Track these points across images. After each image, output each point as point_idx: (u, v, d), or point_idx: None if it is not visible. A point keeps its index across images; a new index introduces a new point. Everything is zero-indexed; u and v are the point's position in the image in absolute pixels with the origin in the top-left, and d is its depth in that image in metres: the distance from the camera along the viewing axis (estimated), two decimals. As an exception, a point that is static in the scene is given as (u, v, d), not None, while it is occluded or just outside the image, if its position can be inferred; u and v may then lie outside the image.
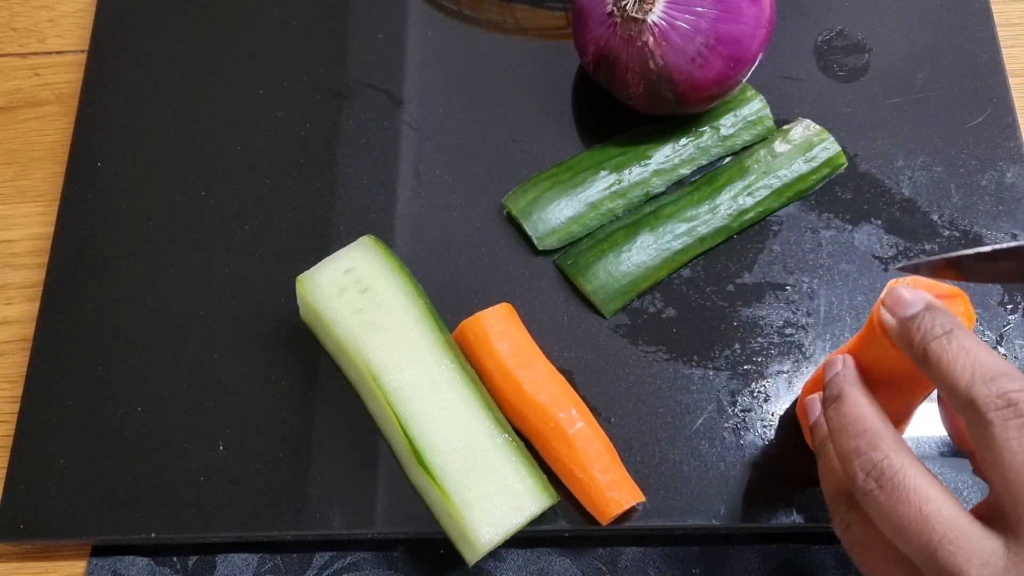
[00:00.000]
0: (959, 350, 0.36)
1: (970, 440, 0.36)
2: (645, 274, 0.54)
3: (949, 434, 0.45)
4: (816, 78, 0.61)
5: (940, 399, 0.45)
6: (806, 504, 0.49)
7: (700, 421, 0.51)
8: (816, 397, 0.44)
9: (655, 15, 0.51)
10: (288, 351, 0.53)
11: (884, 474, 0.37)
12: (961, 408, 0.36)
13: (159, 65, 0.62)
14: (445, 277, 0.55)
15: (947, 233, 0.56)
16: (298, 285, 0.51)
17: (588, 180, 0.56)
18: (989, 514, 0.36)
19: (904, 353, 0.39)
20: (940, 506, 0.36)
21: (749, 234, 0.56)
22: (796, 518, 0.49)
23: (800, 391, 0.52)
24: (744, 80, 0.55)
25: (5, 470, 0.52)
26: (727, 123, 0.58)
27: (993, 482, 0.35)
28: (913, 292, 0.39)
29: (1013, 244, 0.43)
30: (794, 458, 0.50)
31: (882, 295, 0.40)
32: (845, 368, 0.42)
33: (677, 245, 0.55)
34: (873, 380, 0.42)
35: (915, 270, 0.43)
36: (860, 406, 0.40)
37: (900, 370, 0.40)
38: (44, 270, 0.56)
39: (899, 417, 0.46)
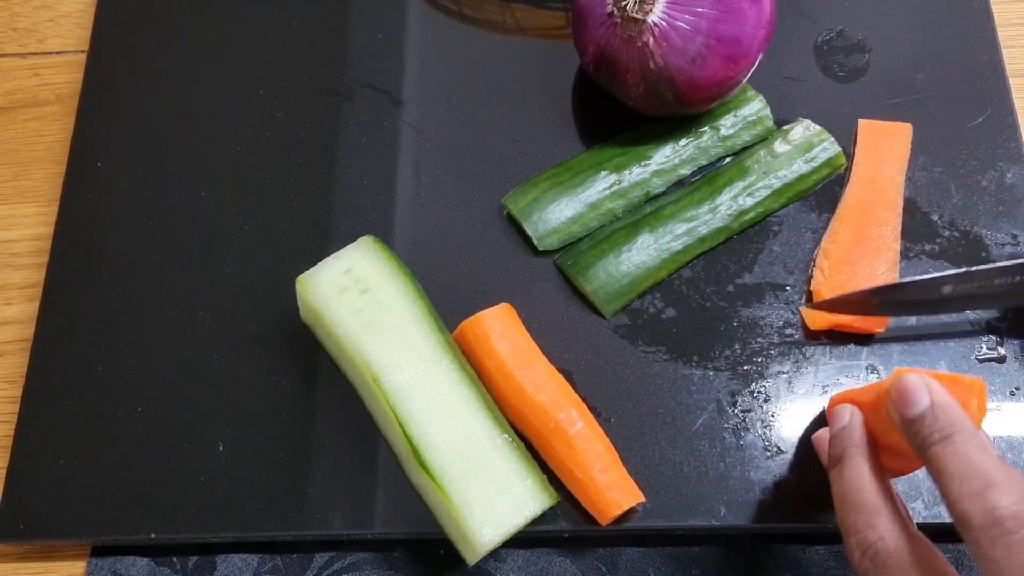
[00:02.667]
0: (952, 457, 0.36)
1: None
2: (645, 274, 0.54)
3: None
4: (816, 78, 0.61)
5: None
6: (806, 504, 0.49)
7: (700, 421, 0.51)
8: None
9: (655, 15, 0.51)
10: (288, 351, 0.53)
11: (879, 555, 0.37)
12: (954, 520, 0.36)
13: (159, 65, 0.62)
14: (445, 277, 0.55)
15: (947, 233, 0.56)
16: (298, 285, 0.51)
17: (588, 180, 0.56)
18: None
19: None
20: None
21: (749, 234, 0.56)
22: (796, 518, 0.49)
23: (816, 406, 0.52)
24: (744, 80, 0.55)
25: (5, 470, 0.52)
26: (727, 123, 0.58)
27: None
28: (918, 386, 0.38)
29: (924, 277, 0.45)
30: (794, 459, 0.50)
31: (889, 381, 0.39)
32: (851, 424, 0.42)
33: (677, 245, 0.55)
34: (886, 440, 0.41)
35: (830, 307, 0.46)
36: (860, 475, 0.40)
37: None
38: (44, 270, 0.56)
39: (914, 462, 0.46)
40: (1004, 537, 0.34)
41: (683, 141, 0.58)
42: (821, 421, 0.51)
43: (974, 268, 0.48)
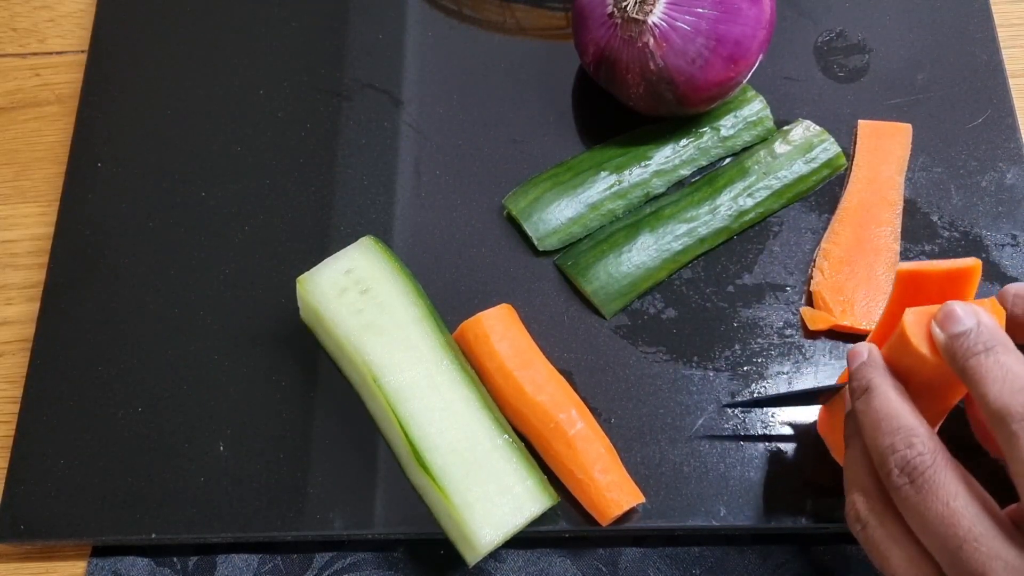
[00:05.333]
0: (994, 365, 0.37)
1: (1001, 451, 0.36)
2: (645, 275, 0.54)
3: (979, 439, 0.45)
4: (816, 79, 0.61)
5: (968, 407, 0.45)
6: (806, 505, 0.49)
7: (700, 422, 0.51)
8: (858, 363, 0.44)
9: (655, 16, 0.51)
10: (288, 351, 0.53)
11: (916, 470, 0.37)
12: (991, 420, 0.36)
13: (159, 65, 0.62)
14: (445, 277, 0.55)
15: (947, 234, 0.56)
16: (298, 285, 0.51)
17: (588, 181, 0.56)
18: (1020, 519, 0.36)
19: (948, 366, 0.39)
20: (968, 503, 0.36)
21: (749, 235, 0.56)
22: (796, 518, 0.49)
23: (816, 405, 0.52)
24: (744, 81, 0.55)
25: (5, 470, 0.52)
26: (727, 124, 0.58)
27: (1021, 491, 0.35)
28: (966, 308, 0.39)
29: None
30: (794, 459, 0.50)
31: (935, 313, 0.40)
32: (871, 358, 0.42)
33: (677, 246, 0.55)
34: (907, 386, 0.41)
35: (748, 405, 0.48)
36: (891, 400, 0.40)
37: (936, 378, 0.40)
38: (44, 270, 0.56)
39: (931, 419, 0.46)
40: None
41: (683, 141, 0.58)
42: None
43: None
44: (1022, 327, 0.41)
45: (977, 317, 0.39)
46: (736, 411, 0.52)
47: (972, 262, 0.42)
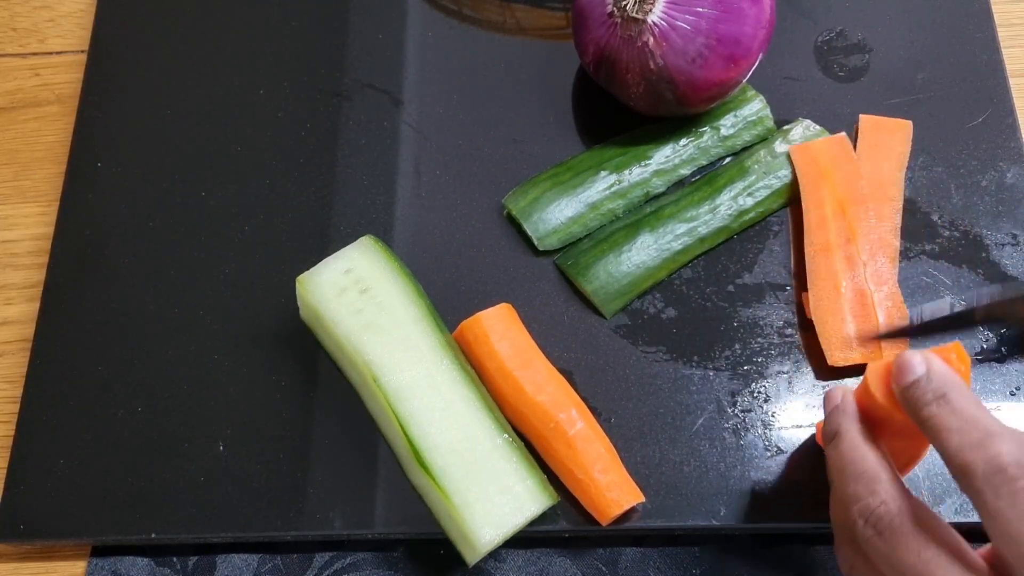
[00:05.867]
0: (948, 415, 0.36)
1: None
2: (645, 274, 0.54)
3: None
4: (816, 78, 0.61)
5: None
6: (806, 505, 0.49)
7: (700, 421, 0.51)
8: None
9: (655, 15, 0.51)
10: (288, 351, 0.53)
11: (882, 520, 0.37)
12: (954, 475, 0.36)
13: (159, 65, 0.62)
14: (445, 277, 0.55)
15: (947, 233, 0.56)
16: (298, 285, 0.51)
17: (588, 180, 0.56)
18: (995, 562, 0.36)
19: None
20: (937, 553, 0.36)
21: (749, 234, 0.56)
22: (796, 518, 0.49)
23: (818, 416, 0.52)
24: (744, 80, 0.55)
25: (5, 470, 0.52)
26: (727, 123, 0.58)
27: (994, 543, 0.35)
28: (917, 356, 0.39)
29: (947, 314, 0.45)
30: (794, 459, 0.50)
31: (893, 367, 0.40)
32: (844, 403, 0.42)
33: (677, 245, 0.55)
34: (882, 430, 0.41)
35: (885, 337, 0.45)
36: (857, 446, 0.40)
37: (907, 425, 0.40)
38: (44, 270, 0.56)
39: (911, 458, 0.46)
40: (1007, 485, 0.34)
41: (683, 141, 0.58)
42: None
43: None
44: None
45: (928, 364, 0.38)
46: (736, 411, 0.52)
47: (950, 345, 0.41)
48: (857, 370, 0.52)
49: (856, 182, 0.55)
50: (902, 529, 0.37)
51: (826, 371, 0.52)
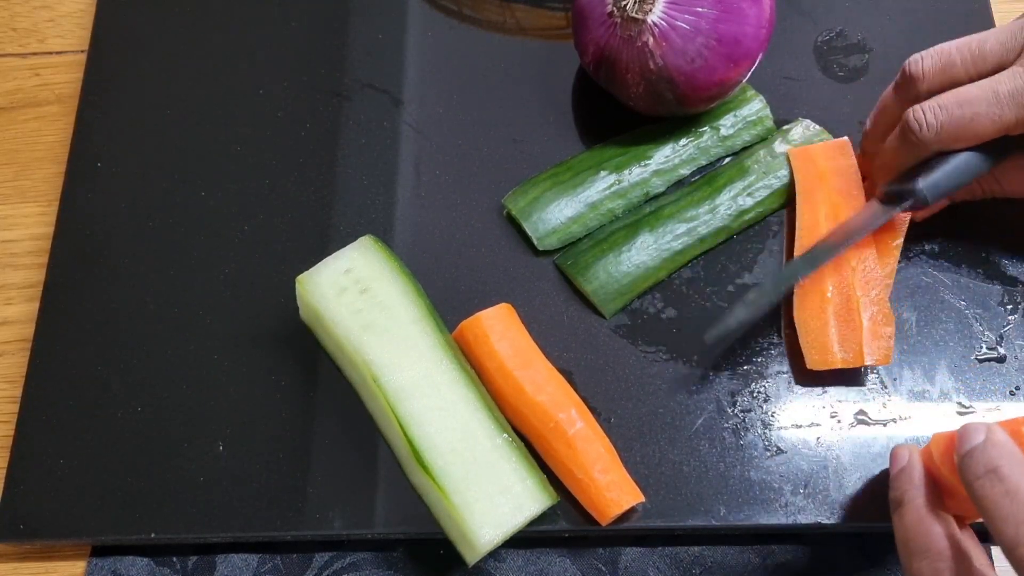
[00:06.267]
0: (1002, 496, 0.35)
1: None
2: (645, 274, 0.54)
3: None
4: (816, 78, 0.61)
5: None
6: (807, 505, 0.49)
7: (700, 421, 0.51)
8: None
9: (655, 15, 0.51)
10: (288, 351, 0.53)
11: None
12: (1006, 555, 0.35)
13: (159, 65, 0.62)
14: (445, 277, 0.55)
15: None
16: (298, 285, 0.51)
17: (588, 180, 0.56)
18: None
19: None
20: None
21: (749, 234, 0.56)
22: (796, 518, 0.49)
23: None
24: (744, 80, 0.55)
25: (5, 470, 0.52)
26: (727, 123, 0.58)
27: None
28: (978, 427, 0.37)
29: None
30: (794, 458, 0.50)
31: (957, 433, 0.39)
32: (910, 465, 0.41)
33: (677, 245, 0.55)
34: (952, 495, 0.41)
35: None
36: (922, 519, 0.39)
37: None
38: (44, 270, 0.56)
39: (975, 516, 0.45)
40: None
41: (683, 141, 0.58)
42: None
43: None
44: None
45: (986, 434, 0.37)
46: (736, 411, 0.52)
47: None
48: (837, 376, 0.52)
49: (854, 187, 0.55)
50: None
51: (806, 375, 0.52)
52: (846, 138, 0.57)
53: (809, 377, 0.52)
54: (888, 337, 0.51)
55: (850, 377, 0.52)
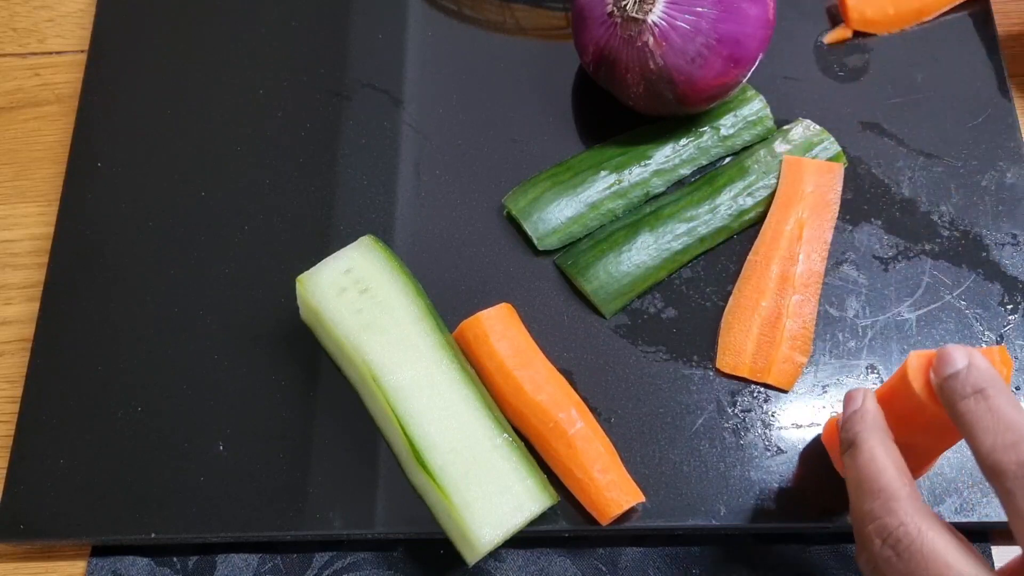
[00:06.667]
0: (984, 412, 0.36)
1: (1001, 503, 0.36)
2: (645, 274, 0.54)
3: None
4: (816, 78, 0.61)
5: None
6: (807, 505, 0.49)
7: (700, 421, 0.51)
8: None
9: (655, 15, 0.51)
10: (288, 351, 0.53)
11: (900, 542, 0.36)
12: (985, 473, 0.36)
13: (159, 65, 0.62)
14: (445, 277, 0.55)
15: (947, 233, 0.56)
16: (298, 285, 0.51)
17: (588, 180, 0.56)
18: (1020, 571, 0.36)
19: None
20: (960, 572, 0.35)
21: (749, 234, 0.56)
22: (796, 518, 0.49)
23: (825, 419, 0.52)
24: (744, 80, 0.55)
25: (5, 470, 0.52)
26: (727, 123, 0.58)
27: (1021, 543, 0.35)
28: (960, 351, 0.38)
29: None
30: (795, 458, 0.50)
31: (935, 358, 0.40)
32: (864, 408, 0.41)
33: (677, 245, 0.55)
34: (910, 425, 0.41)
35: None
36: (875, 458, 0.39)
37: (938, 421, 0.40)
38: (44, 270, 0.56)
39: (927, 456, 0.45)
40: None
41: (683, 141, 0.58)
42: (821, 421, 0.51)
43: None
44: None
45: (970, 359, 0.38)
46: (736, 411, 0.52)
47: (995, 348, 0.40)
48: (838, 376, 0.52)
49: (827, 214, 0.55)
50: (921, 551, 0.36)
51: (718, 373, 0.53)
52: (841, 164, 0.57)
53: (809, 377, 0.52)
54: (798, 366, 0.52)
55: (851, 378, 0.52)
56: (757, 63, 0.54)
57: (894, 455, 0.39)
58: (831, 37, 0.61)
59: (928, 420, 0.40)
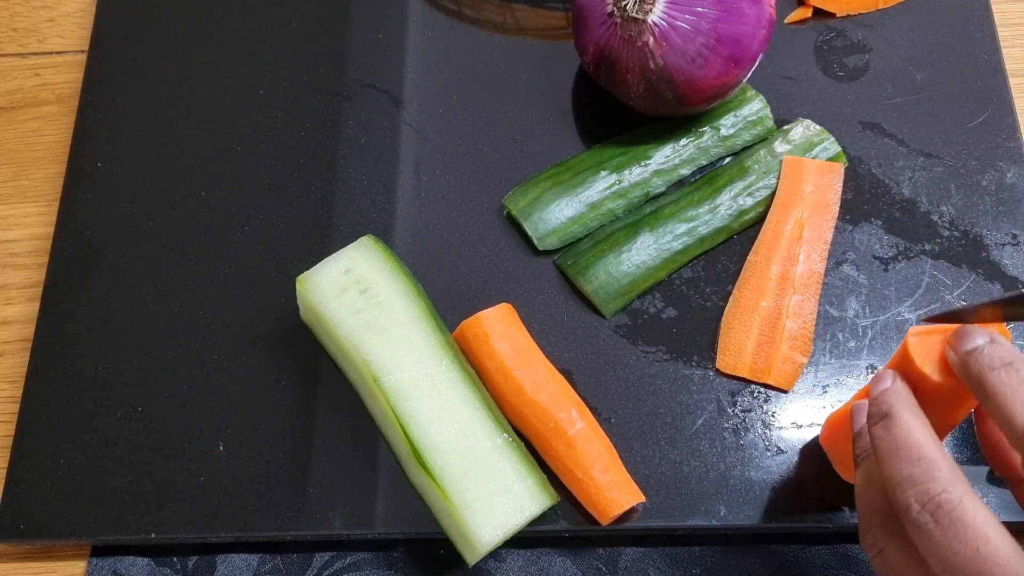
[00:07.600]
0: (1018, 383, 0.36)
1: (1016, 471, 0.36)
2: (645, 274, 0.54)
3: (987, 459, 0.44)
4: (816, 78, 0.61)
5: (979, 425, 0.44)
6: (806, 505, 0.49)
7: (700, 421, 0.51)
8: (863, 405, 0.42)
9: (655, 15, 0.51)
10: (288, 351, 0.53)
11: (941, 508, 0.35)
12: (1016, 443, 0.35)
13: (159, 65, 0.62)
14: (445, 277, 0.55)
15: (947, 233, 0.56)
16: (298, 285, 0.51)
17: (588, 180, 0.56)
18: None
19: (953, 386, 0.38)
20: (999, 547, 0.34)
21: (749, 234, 0.56)
22: (796, 518, 0.49)
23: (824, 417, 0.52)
24: (744, 80, 0.55)
25: (5, 470, 0.52)
26: (727, 123, 0.58)
27: None
28: (979, 328, 0.38)
29: None
30: (795, 458, 0.50)
31: (944, 333, 0.40)
32: (896, 384, 0.40)
33: (677, 245, 0.55)
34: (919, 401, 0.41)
35: (948, 318, 0.41)
36: (913, 429, 0.38)
37: (939, 399, 0.40)
38: (44, 270, 0.56)
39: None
40: None
41: (683, 141, 0.58)
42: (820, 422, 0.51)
43: None
44: None
45: (990, 335, 0.38)
46: (736, 411, 0.52)
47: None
48: (838, 376, 0.52)
49: (827, 214, 0.55)
50: (962, 520, 0.35)
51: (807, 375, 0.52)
52: (841, 164, 0.57)
53: (810, 377, 0.52)
54: (799, 366, 0.52)
55: (851, 378, 0.52)
56: (757, 63, 0.54)
57: (931, 430, 0.39)
58: (792, 17, 0.62)
59: (930, 398, 0.40)
